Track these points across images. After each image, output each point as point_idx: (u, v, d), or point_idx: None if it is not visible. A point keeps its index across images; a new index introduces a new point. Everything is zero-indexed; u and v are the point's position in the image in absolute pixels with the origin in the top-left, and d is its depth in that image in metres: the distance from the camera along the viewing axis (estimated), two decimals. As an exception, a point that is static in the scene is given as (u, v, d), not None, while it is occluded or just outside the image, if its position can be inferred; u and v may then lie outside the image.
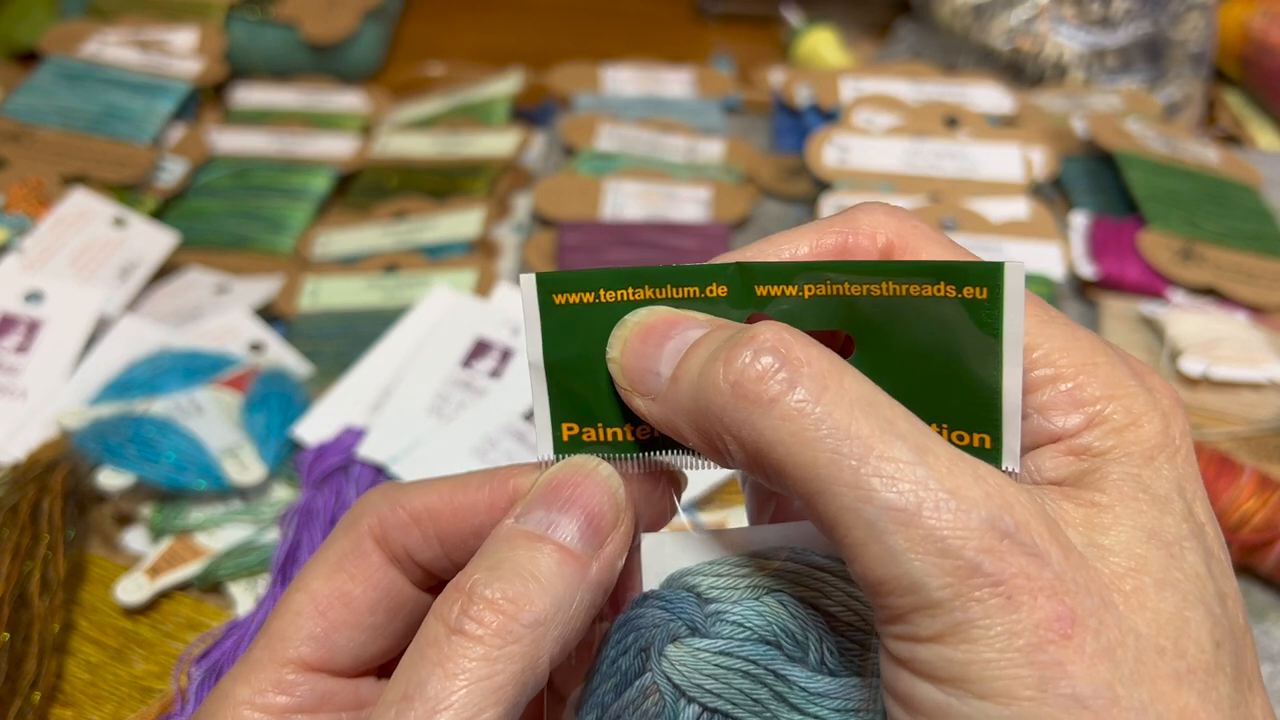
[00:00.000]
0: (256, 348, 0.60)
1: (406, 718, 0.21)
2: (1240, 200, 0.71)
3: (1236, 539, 0.48)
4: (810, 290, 0.24)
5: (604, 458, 0.26)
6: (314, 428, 0.53)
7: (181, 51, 0.83)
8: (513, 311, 0.59)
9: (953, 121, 0.75)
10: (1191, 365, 0.56)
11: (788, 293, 0.24)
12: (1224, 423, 0.55)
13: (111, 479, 0.49)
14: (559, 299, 0.25)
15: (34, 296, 0.59)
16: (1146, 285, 0.64)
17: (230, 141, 0.79)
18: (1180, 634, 0.20)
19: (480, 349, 0.57)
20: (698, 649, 0.24)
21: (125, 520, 0.51)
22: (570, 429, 0.26)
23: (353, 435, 0.52)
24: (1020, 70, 0.88)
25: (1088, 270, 0.65)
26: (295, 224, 0.72)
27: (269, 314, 0.64)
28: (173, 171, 0.74)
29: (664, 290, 0.25)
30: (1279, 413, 0.55)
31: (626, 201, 0.71)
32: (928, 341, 0.23)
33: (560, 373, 0.25)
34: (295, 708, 0.25)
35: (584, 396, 0.25)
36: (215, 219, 0.72)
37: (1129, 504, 0.21)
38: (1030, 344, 0.23)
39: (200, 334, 0.60)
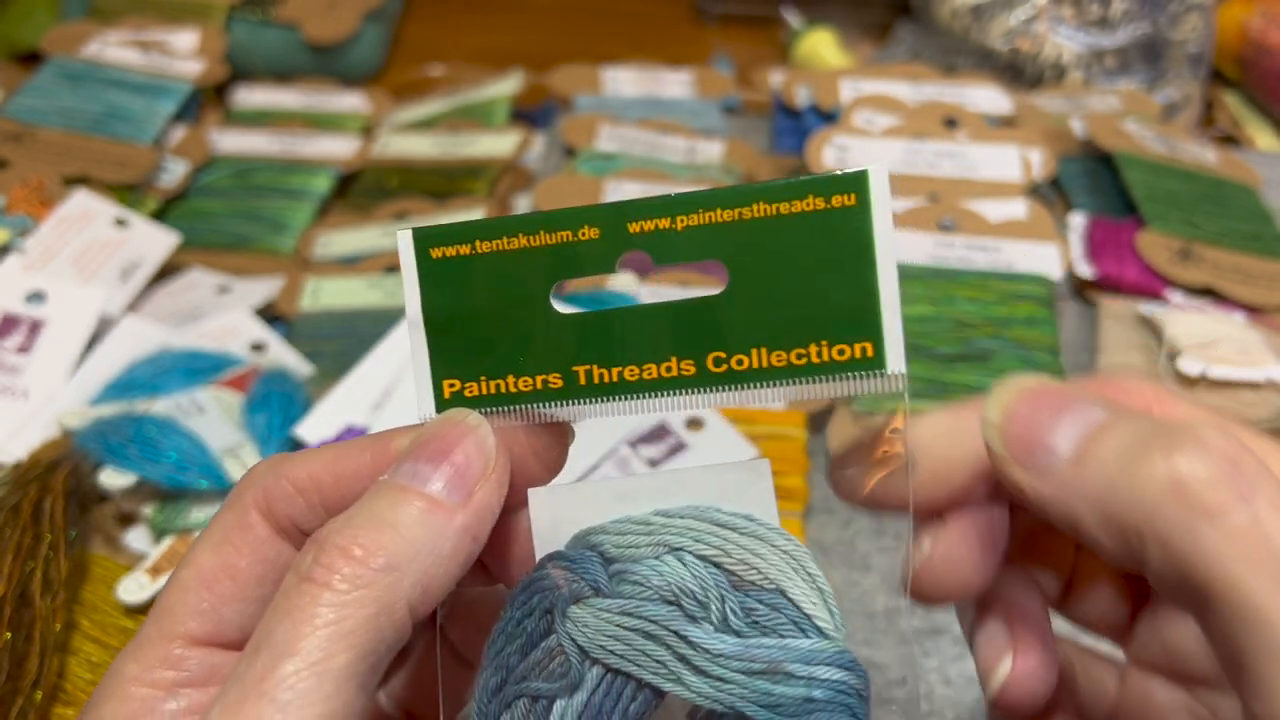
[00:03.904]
0: (258, 348, 0.60)
1: (254, 667, 0.21)
2: (1239, 201, 0.72)
3: (1234, 538, 0.49)
4: (683, 222, 0.24)
5: (487, 412, 0.25)
6: (315, 428, 0.53)
7: (183, 52, 0.83)
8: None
9: (952, 122, 0.75)
10: (1189, 365, 0.57)
11: (661, 226, 0.24)
12: (1222, 422, 0.56)
13: (113, 478, 0.49)
14: (435, 253, 0.25)
15: (35, 297, 0.59)
16: (1145, 285, 0.65)
17: (231, 142, 0.79)
18: None
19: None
20: (600, 609, 0.24)
21: (127, 520, 0.51)
22: (451, 385, 0.26)
23: (354, 435, 0.52)
24: (1019, 71, 0.88)
25: (1086, 270, 0.65)
26: (296, 224, 0.72)
27: (270, 314, 0.65)
28: (174, 172, 0.74)
29: (537, 236, 0.25)
30: (1277, 413, 0.56)
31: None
32: (802, 258, 0.24)
33: (440, 328, 0.25)
34: (184, 682, 0.25)
35: (464, 352, 0.25)
36: (216, 219, 0.72)
37: None
38: None
39: (201, 334, 0.60)
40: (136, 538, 0.51)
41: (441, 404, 0.26)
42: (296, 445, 0.53)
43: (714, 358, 0.24)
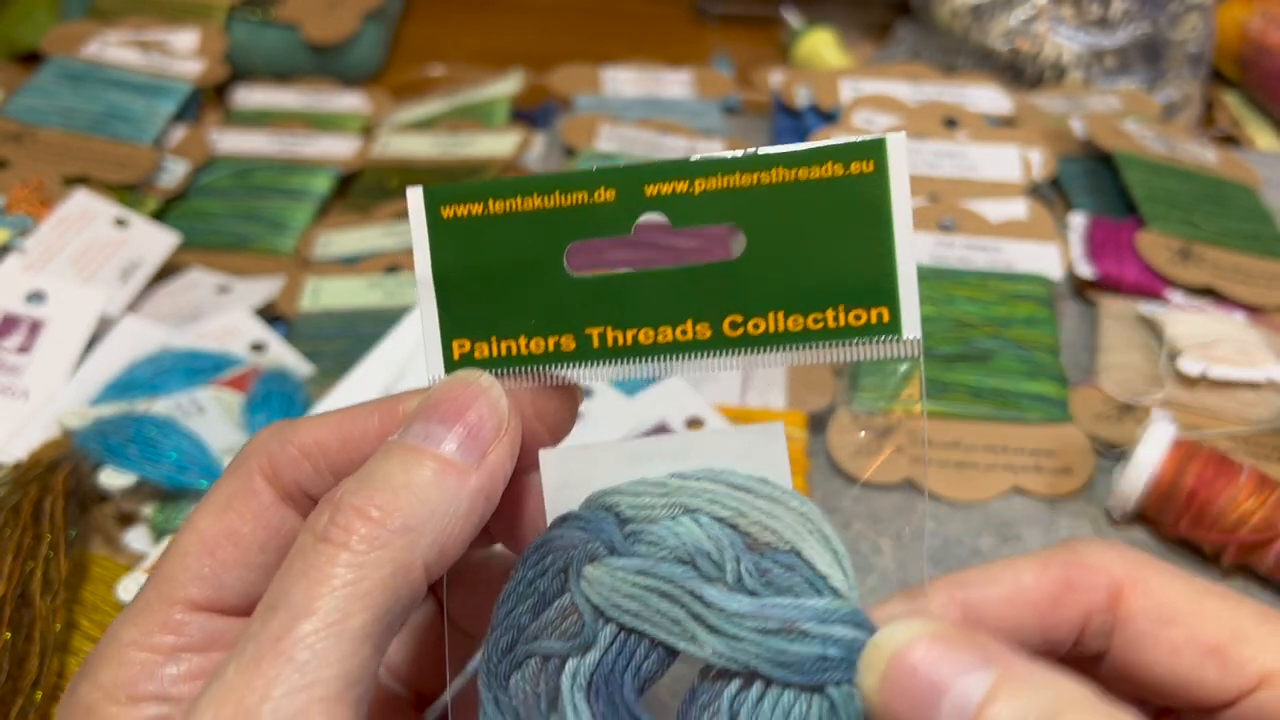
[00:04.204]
0: (258, 348, 0.60)
1: (270, 627, 0.21)
2: (1238, 201, 0.72)
3: (1235, 538, 0.49)
4: (701, 185, 0.24)
5: (498, 373, 0.25)
6: (315, 427, 0.53)
7: (183, 52, 0.83)
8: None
9: (952, 122, 0.75)
10: (1190, 365, 0.57)
11: (678, 190, 0.25)
12: (1222, 422, 0.56)
13: (113, 478, 0.49)
14: (447, 212, 0.25)
15: (36, 297, 0.59)
16: (1145, 285, 0.65)
17: (231, 142, 0.79)
18: None
19: (481, 349, 0.57)
20: (616, 569, 0.24)
21: (127, 520, 0.51)
22: (461, 346, 0.26)
23: (354, 435, 0.52)
24: (1019, 71, 0.88)
25: (1086, 270, 0.65)
26: (296, 224, 0.72)
27: (270, 314, 0.65)
28: (174, 172, 0.74)
29: (552, 197, 0.25)
30: (1277, 412, 0.56)
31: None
32: (820, 224, 0.24)
33: (450, 288, 0.25)
34: (184, 647, 0.24)
35: (474, 312, 0.25)
36: (216, 219, 0.72)
37: None
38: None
39: (201, 334, 0.60)
40: (136, 538, 0.51)
41: (451, 365, 0.26)
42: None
43: (730, 321, 0.25)
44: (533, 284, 0.25)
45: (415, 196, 0.25)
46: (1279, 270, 0.65)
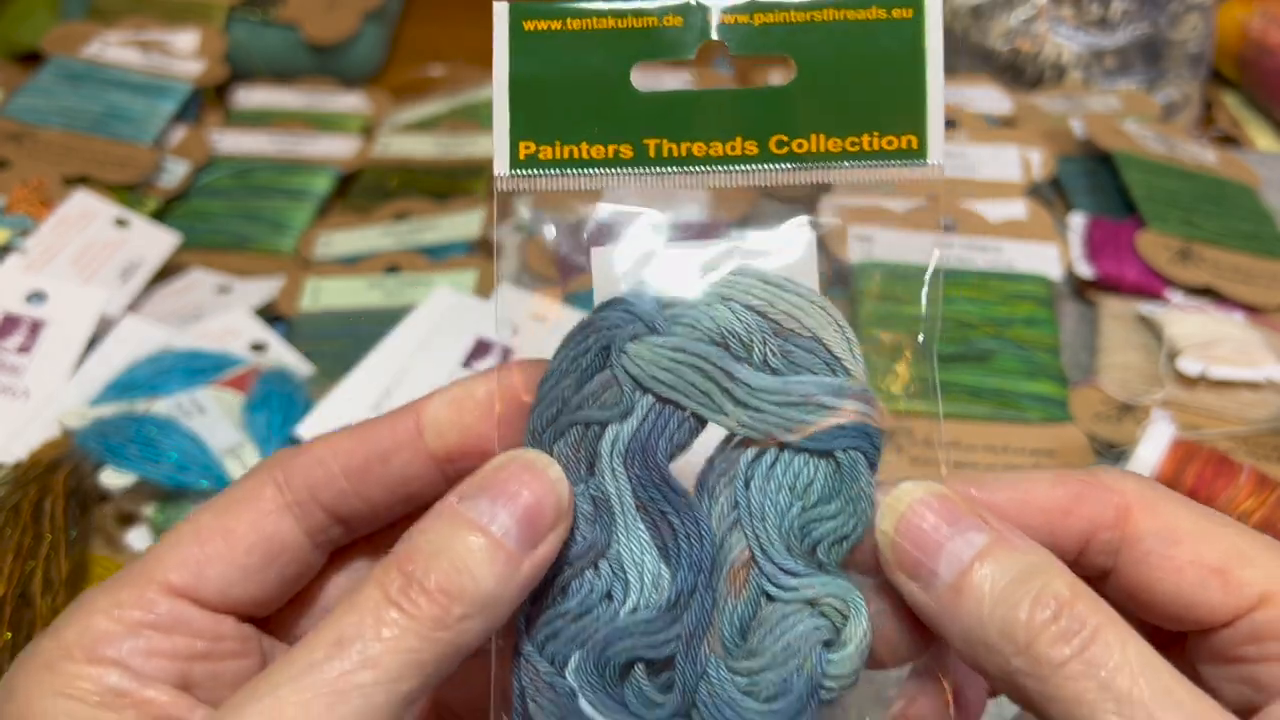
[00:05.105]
0: (258, 348, 0.60)
1: (335, 662, 0.22)
2: (1238, 201, 0.72)
3: (1234, 538, 0.49)
4: (761, 19, 0.27)
5: (557, 174, 0.28)
6: (315, 428, 0.53)
7: (183, 52, 0.83)
8: (512, 311, 0.59)
9: (951, 122, 0.75)
10: (1189, 365, 0.57)
11: (740, 21, 0.27)
12: (1222, 422, 0.56)
13: (114, 478, 0.49)
14: (529, 25, 0.28)
15: (36, 297, 0.59)
16: (1145, 285, 0.65)
17: (232, 142, 0.79)
18: None
19: (481, 349, 0.57)
20: (655, 345, 0.26)
21: (127, 520, 0.51)
22: (527, 147, 0.28)
23: (354, 435, 0.52)
24: (1019, 71, 0.88)
25: (1086, 270, 0.65)
26: (296, 224, 0.73)
27: (270, 314, 0.65)
28: (174, 172, 0.74)
29: (625, 20, 0.28)
30: (1276, 412, 0.56)
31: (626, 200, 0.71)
32: (862, 59, 0.27)
33: (522, 95, 0.28)
34: (150, 624, 0.25)
35: (542, 117, 0.28)
36: (217, 219, 0.72)
37: None
38: None
39: (202, 334, 0.60)
40: (137, 538, 0.51)
41: (516, 163, 0.28)
42: (296, 445, 0.53)
43: (776, 140, 0.28)
44: (599, 96, 0.28)
45: (501, 10, 0.28)
46: (1279, 270, 0.65)
